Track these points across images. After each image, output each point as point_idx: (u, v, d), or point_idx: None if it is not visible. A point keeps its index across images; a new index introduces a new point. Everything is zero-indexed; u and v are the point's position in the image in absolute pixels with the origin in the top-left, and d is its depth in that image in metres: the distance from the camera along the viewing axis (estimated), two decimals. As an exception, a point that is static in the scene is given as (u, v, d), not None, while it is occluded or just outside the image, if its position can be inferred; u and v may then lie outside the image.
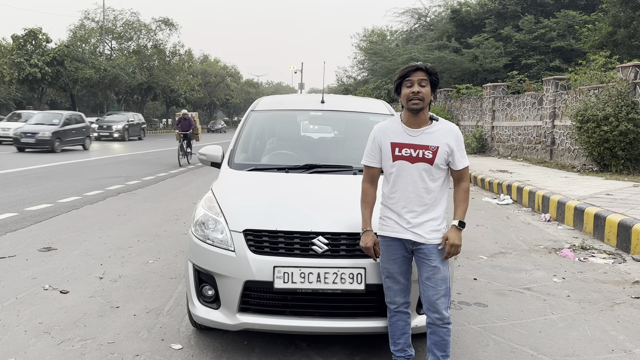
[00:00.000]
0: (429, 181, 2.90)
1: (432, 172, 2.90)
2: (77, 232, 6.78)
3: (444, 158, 2.91)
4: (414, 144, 2.91)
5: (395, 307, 3.00)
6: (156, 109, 74.81)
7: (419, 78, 2.86)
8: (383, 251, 3.00)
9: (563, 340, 3.74)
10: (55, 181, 11.63)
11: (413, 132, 2.93)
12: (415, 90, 2.85)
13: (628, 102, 11.96)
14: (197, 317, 3.30)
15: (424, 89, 2.87)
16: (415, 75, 2.87)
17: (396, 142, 2.94)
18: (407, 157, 2.91)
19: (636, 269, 5.55)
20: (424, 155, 2.89)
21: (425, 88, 2.87)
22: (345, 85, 48.06)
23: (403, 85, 2.91)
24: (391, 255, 2.96)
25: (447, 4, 35.84)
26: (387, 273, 2.98)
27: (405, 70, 2.92)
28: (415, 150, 2.90)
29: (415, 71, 2.88)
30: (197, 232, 3.38)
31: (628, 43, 21.26)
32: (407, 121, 2.96)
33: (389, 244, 2.97)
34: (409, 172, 2.91)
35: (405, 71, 2.91)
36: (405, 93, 2.89)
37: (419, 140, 2.91)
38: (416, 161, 2.90)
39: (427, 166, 2.89)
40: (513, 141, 18.72)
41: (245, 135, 4.62)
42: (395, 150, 2.94)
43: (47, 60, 35.82)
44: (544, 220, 8.22)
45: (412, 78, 2.87)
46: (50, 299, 4.38)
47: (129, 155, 19.95)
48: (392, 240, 2.96)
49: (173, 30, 51.98)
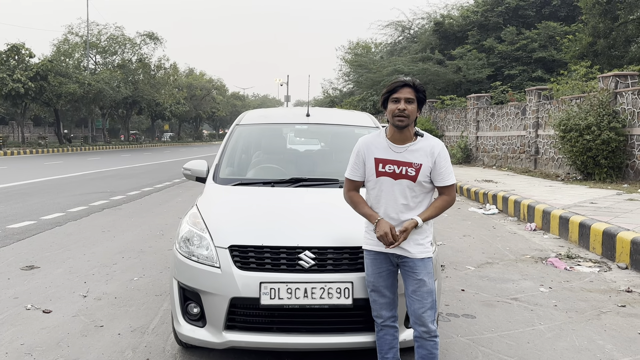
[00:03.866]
0: (410, 198, 2.89)
1: (414, 189, 2.89)
2: (61, 250, 6.68)
3: (427, 175, 2.89)
4: (398, 161, 2.90)
5: (382, 321, 2.98)
6: (141, 123, 74.51)
7: (405, 96, 2.83)
8: (368, 265, 2.98)
9: (551, 351, 3.74)
10: (39, 197, 11.47)
11: (397, 148, 2.92)
12: (401, 107, 2.83)
13: (609, 111, 12.14)
14: (183, 336, 3.25)
15: (410, 106, 2.84)
16: (402, 92, 2.85)
17: (380, 158, 2.93)
18: (390, 173, 2.90)
19: (621, 277, 5.59)
20: (407, 172, 2.88)
21: (411, 105, 2.85)
22: (331, 97, 48.26)
23: (390, 101, 2.88)
24: (376, 269, 2.95)
25: (430, 17, 36.32)
26: (372, 286, 2.97)
27: (392, 86, 2.89)
28: (399, 167, 2.89)
29: (402, 87, 2.86)
30: (182, 249, 3.34)
31: (608, 53, 21.65)
32: (392, 137, 2.94)
33: (374, 257, 2.95)
34: (391, 188, 2.90)
35: (393, 86, 2.88)
36: (391, 109, 2.87)
37: (403, 157, 2.90)
38: (399, 178, 2.89)
39: (410, 183, 2.88)
40: (497, 151, 18.89)
41: (230, 149, 4.59)
42: (379, 167, 2.92)
43: (30, 75, 35.45)
44: (529, 229, 8.27)
45: (399, 95, 2.84)
46: (32, 319, 4.29)
47: (114, 170, 19.77)
48: (377, 254, 2.95)
49: (158, 44, 51.89)
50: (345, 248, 3.12)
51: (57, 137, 45.28)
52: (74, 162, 24.28)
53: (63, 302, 4.68)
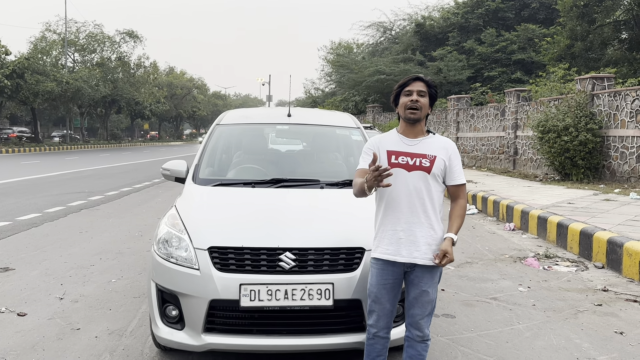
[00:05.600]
0: (425, 192, 2.79)
1: (429, 181, 2.79)
2: (37, 251, 6.55)
3: (441, 169, 2.81)
4: (411, 153, 2.82)
5: (375, 331, 2.89)
6: (120, 122, 73.62)
7: (417, 89, 2.80)
8: (374, 274, 2.87)
9: (529, 350, 3.78)
10: (15, 197, 11.24)
11: (410, 141, 2.85)
12: (413, 99, 2.78)
13: (586, 112, 12.35)
14: (161, 339, 3.21)
15: (423, 99, 2.80)
16: (415, 85, 2.81)
17: (392, 150, 2.84)
18: (403, 164, 2.81)
19: (598, 277, 5.67)
20: (421, 163, 2.79)
21: (423, 98, 2.80)
22: (313, 98, 48.26)
23: (402, 94, 2.84)
24: (382, 280, 2.83)
25: (411, 18, 36.57)
26: (374, 297, 2.86)
27: (405, 80, 2.85)
28: (412, 159, 2.80)
29: (415, 81, 2.82)
30: (160, 251, 3.29)
31: (585, 55, 22.03)
32: (404, 131, 2.88)
33: (382, 267, 2.83)
34: (405, 180, 2.79)
35: (406, 80, 2.85)
36: (403, 102, 2.82)
37: (416, 149, 2.82)
38: (413, 169, 2.80)
39: (424, 175, 2.79)
40: (477, 151, 19.08)
41: (210, 149, 4.54)
42: (391, 158, 2.82)
43: (6, 73, 34.74)
44: (508, 229, 8.36)
45: (411, 88, 2.81)
46: (6, 322, 4.19)
47: (92, 170, 19.49)
48: (385, 264, 2.83)
49: (138, 42, 51.32)
50: (326, 249, 3.11)
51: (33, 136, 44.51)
52: (51, 162, 23.88)
53: (39, 305, 4.59)
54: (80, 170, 19.38)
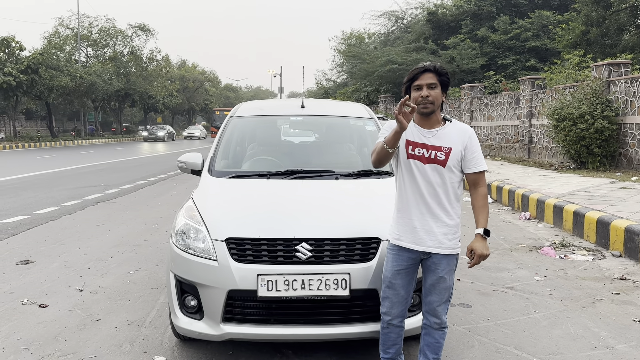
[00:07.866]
0: (440, 184, 2.80)
1: (444, 174, 2.80)
2: (56, 244, 6.65)
3: (457, 160, 2.80)
4: (427, 145, 2.79)
5: (389, 319, 2.90)
6: (134, 116, 74.15)
7: (427, 82, 2.73)
8: (389, 259, 2.89)
9: (547, 339, 3.77)
10: (32, 192, 11.40)
11: (426, 132, 2.82)
12: (424, 94, 2.73)
13: (602, 100, 12.18)
14: (180, 329, 3.25)
15: (434, 92, 2.74)
16: (424, 78, 2.74)
17: (411, 140, 2.82)
18: (419, 156, 2.80)
19: (615, 265, 5.63)
20: (437, 156, 2.78)
21: (434, 90, 2.74)
22: (324, 89, 48.17)
23: (412, 89, 2.78)
24: (396, 265, 2.85)
25: (423, 6, 36.23)
26: (388, 282, 2.87)
27: (413, 73, 2.78)
28: (428, 151, 2.79)
29: (423, 73, 2.75)
30: (178, 242, 3.33)
31: (601, 42, 21.69)
32: (420, 122, 2.84)
33: (397, 252, 2.86)
34: (421, 172, 2.80)
35: (414, 73, 2.77)
36: (414, 97, 2.76)
37: (432, 141, 2.79)
38: (428, 162, 2.79)
39: (440, 168, 2.79)
40: (491, 141, 18.94)
41: (225, 141, 4.57)
42: (409, 149, 2.81)
43: (21, 68, 35.13)
44: (524, 218, 8.31)
45: (420, 82, 2.74)
46: (28, 313, 4.27)
47: (107, 164, 19.68)
48: (401, 250, 2.85)
49: (150, 36, 51.66)
50: (342, 239, 3.12)
51: (49, 130, 45.02)
52: (66, 156, 24.16)
53: (59, 296, 4.67)
54: (96, 164, 19.58)
